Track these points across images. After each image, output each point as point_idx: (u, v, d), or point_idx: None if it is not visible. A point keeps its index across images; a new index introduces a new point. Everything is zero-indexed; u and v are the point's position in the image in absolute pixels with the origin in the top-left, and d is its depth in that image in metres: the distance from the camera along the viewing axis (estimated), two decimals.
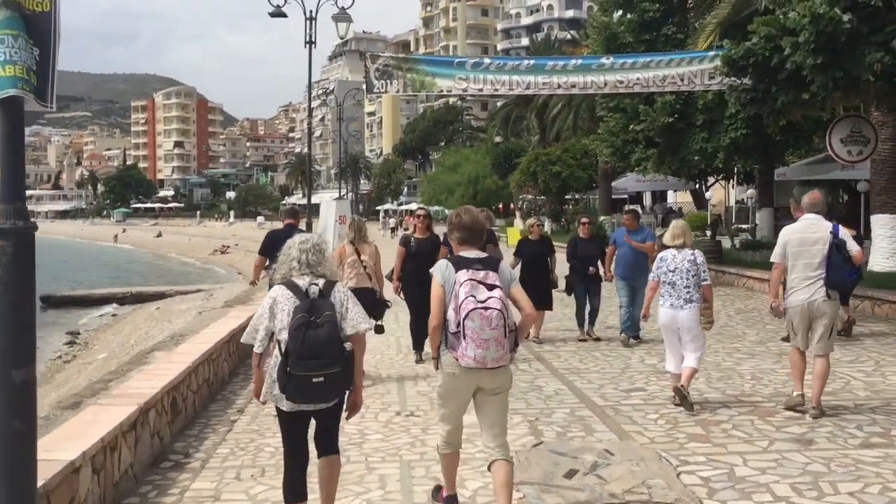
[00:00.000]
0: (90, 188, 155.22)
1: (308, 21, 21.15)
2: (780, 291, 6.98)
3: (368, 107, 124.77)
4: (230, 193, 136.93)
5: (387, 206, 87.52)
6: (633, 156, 22.16)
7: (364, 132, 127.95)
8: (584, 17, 71.55)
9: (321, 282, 4.26)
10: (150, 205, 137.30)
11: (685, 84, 16.06)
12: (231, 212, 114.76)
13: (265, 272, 9.12)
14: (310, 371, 4.01)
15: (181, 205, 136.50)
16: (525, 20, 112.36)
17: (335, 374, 4.06)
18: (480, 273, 4.28)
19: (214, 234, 74.41)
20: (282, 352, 4.11)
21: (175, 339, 11.60)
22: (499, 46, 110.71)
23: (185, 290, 28.46)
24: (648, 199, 43.96)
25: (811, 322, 6.81)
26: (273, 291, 4.31)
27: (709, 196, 30.21)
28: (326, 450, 4.42)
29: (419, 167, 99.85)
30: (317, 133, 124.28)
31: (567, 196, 45.88)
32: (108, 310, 27.62)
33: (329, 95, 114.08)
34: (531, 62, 17.16)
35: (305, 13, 21.17)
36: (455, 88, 17.02)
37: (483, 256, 4.46)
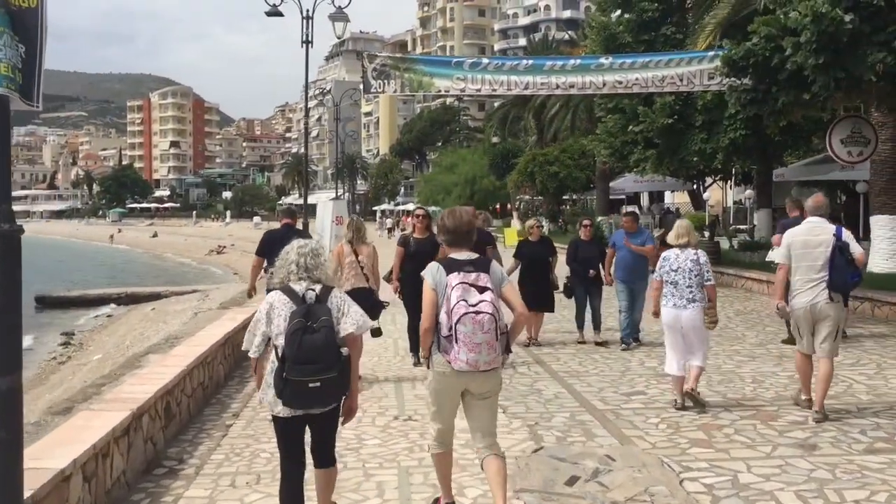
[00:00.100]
0: (86, 188, 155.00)
1: (305, 20, 21.08)
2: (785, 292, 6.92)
3: (365, 107, 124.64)
4: (226, 193, 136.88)
5: (384, 207, 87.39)
6: (632, 157, 22.11)
7: (361, 132, 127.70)
8: (582, 18, 71.33)
9: (318, 287, 4.23)
10: (146, 205, 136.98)
11: (684, 84, 15.96)
12: (227, 212, 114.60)
13: (263, 273, 9.02)
14: (306, 376, 3.98)
15: (177, 205, 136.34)
16: (522, 20, 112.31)
17: (332, 380, 4.03)
18: (472, 275, 4.28)
19: (211, 235, 74.30)
20: (278, 357, 4.07)
21: (170, 342, 11.49)
22: (496, 47, 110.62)
23: (181, 291, 28.36)
24: (646, 200, 43.93)
25: (815, 325, 6.75)
26: (270, 297, 4.28)
27: (707, 197, 30.16)
28: (323, 462, 4.37)
29: (416, 167, 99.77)
30: (313, 133, 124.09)
31: (564, 196, 45.85)
32: (105, 310, 27.54)
33: (326, 95, 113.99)
34: (530, 62, 17.03)
35: (302, 12, 21.10)
36: (453, 88, 16.89)
37: (474, 257, 4.44)
